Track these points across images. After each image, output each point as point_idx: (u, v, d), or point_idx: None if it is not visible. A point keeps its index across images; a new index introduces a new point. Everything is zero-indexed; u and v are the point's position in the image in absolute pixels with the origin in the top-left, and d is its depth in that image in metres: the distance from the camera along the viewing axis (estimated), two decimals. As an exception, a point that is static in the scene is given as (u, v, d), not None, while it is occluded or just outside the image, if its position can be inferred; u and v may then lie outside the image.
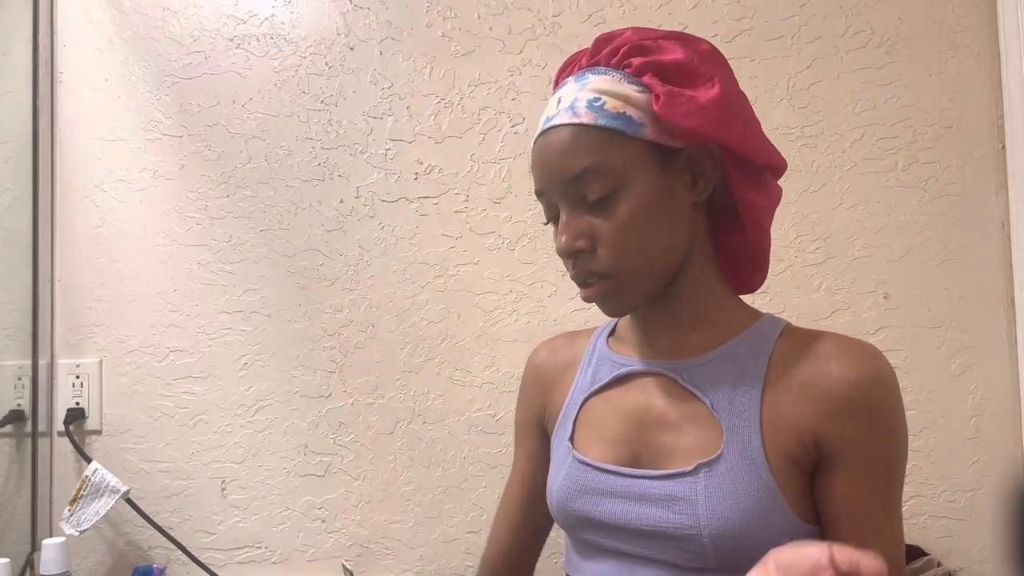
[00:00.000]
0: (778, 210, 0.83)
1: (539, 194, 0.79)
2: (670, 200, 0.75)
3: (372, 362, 1.44)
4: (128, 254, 1.45)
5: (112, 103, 1.46)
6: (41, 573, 1.25)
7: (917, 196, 1.43)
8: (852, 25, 1.45)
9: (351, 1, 1.47)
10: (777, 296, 1.42)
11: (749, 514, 0.70)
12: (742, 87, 0.83)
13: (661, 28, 0.81)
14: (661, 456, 0.76)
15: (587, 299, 0.77)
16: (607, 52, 0.77)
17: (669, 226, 0.75)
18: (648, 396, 0.80)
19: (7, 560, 1.18)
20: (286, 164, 1.46)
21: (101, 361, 1.43)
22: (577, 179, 0.73)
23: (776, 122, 1.44)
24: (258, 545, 1.43)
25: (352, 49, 1.47)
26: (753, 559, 0.64)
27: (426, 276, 1.44)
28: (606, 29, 1.45)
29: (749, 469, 0.71)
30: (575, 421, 0.84)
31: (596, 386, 0.84)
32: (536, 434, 0.94)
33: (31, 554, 1.37)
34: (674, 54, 0.74)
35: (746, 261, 0.82)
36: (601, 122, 0.73)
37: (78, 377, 1.43)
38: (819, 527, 0.73)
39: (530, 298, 1.43)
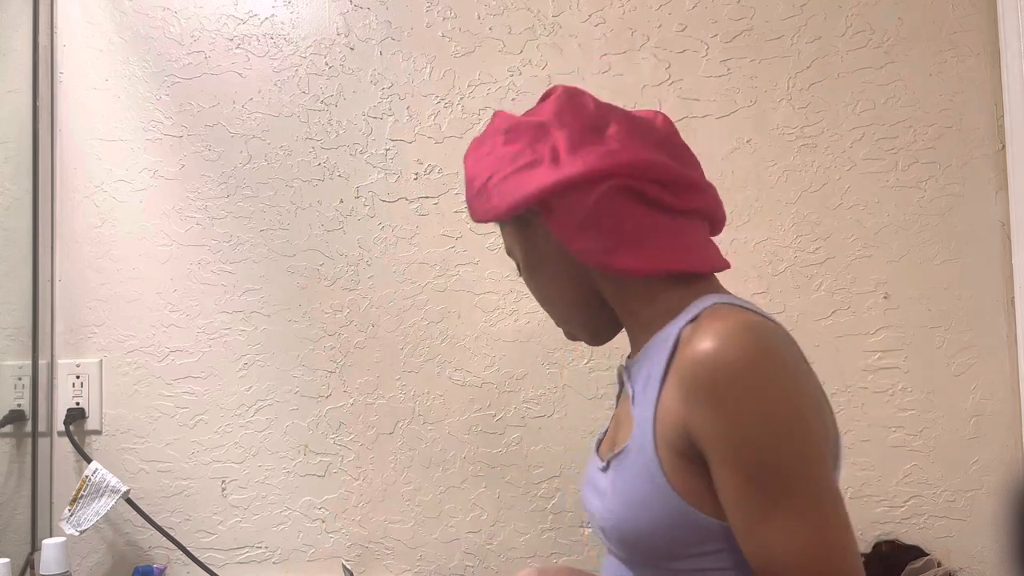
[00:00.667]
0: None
1: None
2: (546, 258, 0.82)
3: (372, 362, 1.44)
4: (128, 254, 1.45)
5: (112, 103, 1.46)
6: (41, 573, 1.25)
7: (917, 196, 1.43)
8: (852, 25, 1.45)
9: (351, 1, 1.47)
10: (777, 296, 1.42)
11: (638, 508, 0.70)
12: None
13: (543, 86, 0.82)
14: (614, 451, 0.78)
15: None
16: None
17: (554, 282, 0.83)
18: (622, 396, 0.85)
19: (7, 560, 1.18)
20: (286, 164, 1.46)
21: (101, 361, 1.43)
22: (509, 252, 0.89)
23: (776, 122, 1.44)
24: (258, 545, 1.43)
25: (352, 49, 1.47)
26: (660, 555, 0.70)
27: (426, 276, 1.44)
28: (606, 29, 1.45)
29: (642, 463, 0.70)
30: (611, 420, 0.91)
31: (617, 389, 0.92)
32: None
33: (31, 554, 1.37)
34: (466, 165, 0.93)
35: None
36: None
37: (78, 377, 1.43)
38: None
39: (530, 298, 1.43)
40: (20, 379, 1.41)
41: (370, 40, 1.47)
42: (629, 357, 0.84)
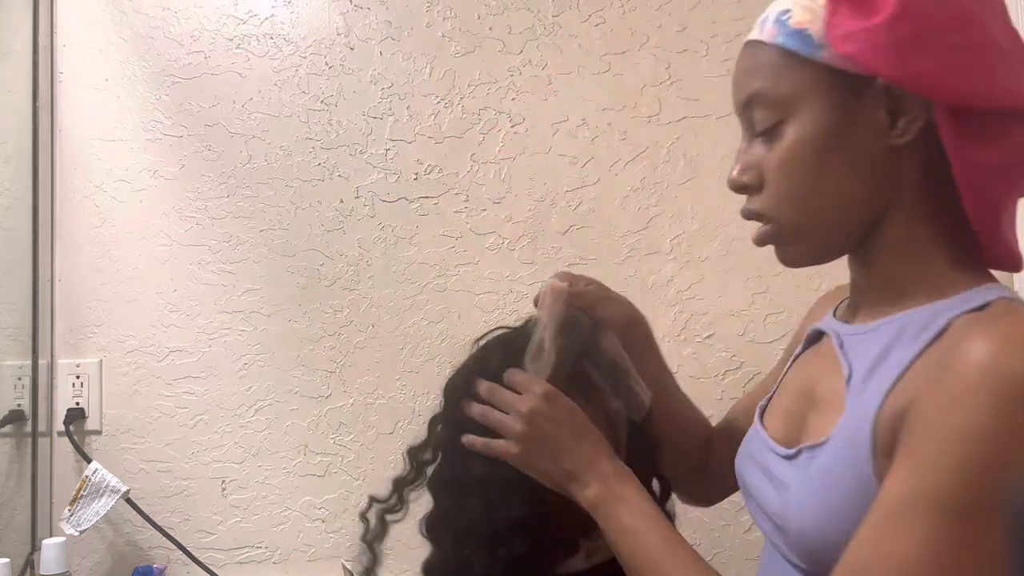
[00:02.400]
0: None
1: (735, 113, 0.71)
2: (852, 140, 0.62)
3: (372, 362, 1.44)
4: (128, 254, 1.44)
5: (112, 103, 1.46)
6: (41, 573, 1.25)
7: (917, 196, 1.43)
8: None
9: (351, 1, 1.47)
10: (777, 296, 1.42)
11: (837, 518, 0.58)
12: None
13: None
14: (804, 435, 0.66)
15: (753, 241, 0.69)
16: None
17: (847, 172, 0.62)
18: (817, 363, 0.71)
19: (7, 560, 1.18)
20: (286, 164, 1.46)
21: (101, 361, 1.43)
22: (747, 104, 0.66)
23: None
24: (258, 545, 1.43)
25: (352, 49, 1.47)
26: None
27: (426, 276, 1.44)
28: (606, 29, 1.45)
29: (851, 464, 0.58)
30: (779, 384, 0.77)
31: (798, 349, 0.77)
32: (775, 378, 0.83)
33: (31, 554, 1.36)
34: None
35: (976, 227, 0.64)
36: (778, 40, 0.64)
37: (78, 377, 1.43)
38: None
39: (530, 298, 1.42)
40: (20, 379, 1.41)
41: (370, 40, 1.47)
42: (841, 319, 0.71)
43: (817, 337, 0.74)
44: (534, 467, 0.75)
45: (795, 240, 0.66)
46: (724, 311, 1.43)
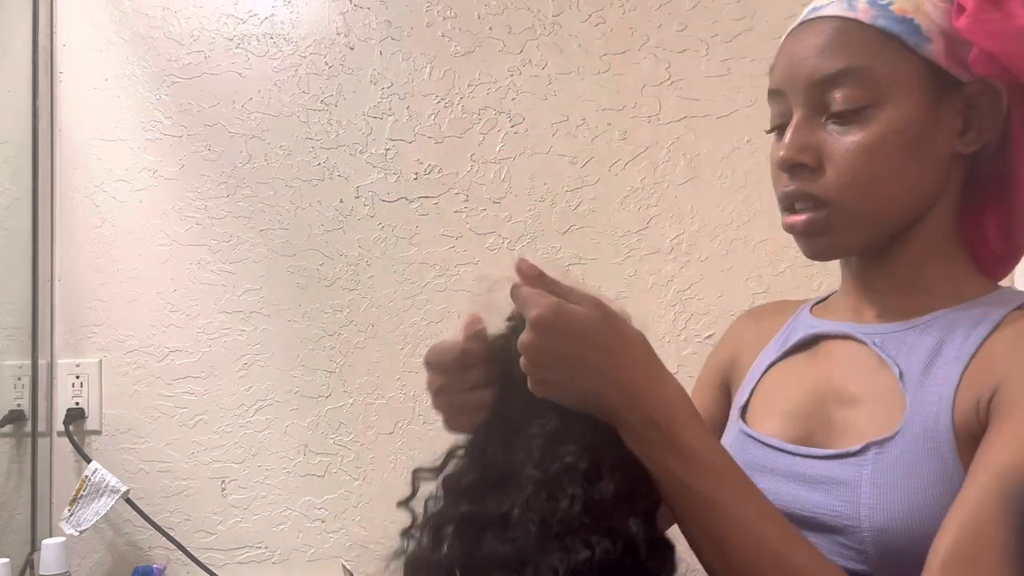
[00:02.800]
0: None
1: (774, 93, 0.67)
2: (930, 139, 0.62)
3: (372, 362, 1.44)
4: (128, 254, 1.44)
5: (112, 103, 1.46)
6: (41, 573, 1.25)
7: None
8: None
9: (351, 1, 1.47)
10: (777, 296, 1.42)
11: (922, 509, 0.57)
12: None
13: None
14: (835, 433, 0.65)
15: (790, 227, 0.66)
16: None
17: (918, 169, 0.63)
18: (833, 364, 0.69)
19: (7, 560, 1.18)
20: (286, 164, 1.45)
21: (101, 361, 1.43)
22: (828, 81, 0.62)
23: None
24: (258, 545, 1.43)
25: (352, 49, 1.46)
26: (919, 564, 0.54)
27: (426, 276, 1.44)
28: (606, 29, 1.45)
29: (931, 454, 0.58)
30: (753, 389, 0.75)
31: (782, 351, 0.74)
32: (719, 384, 0.83)
33: (31, 554, 1.37)
34: None
35: (996, 240, 0.68)
36: (880, 23, 0.61)
37: (78, 377, 1.43)
38: None
39: (530, 298, 1.43)
40: (20, 379, 1.41)
41: (370, 40, 1.47)
42: (843, 321, 0.71)
43: (810, 342, 0.73)
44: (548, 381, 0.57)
45: (847, 228, 0.65)
46: (724, 311, 1.43)
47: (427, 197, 1.45)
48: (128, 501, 1.36)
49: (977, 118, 0.63)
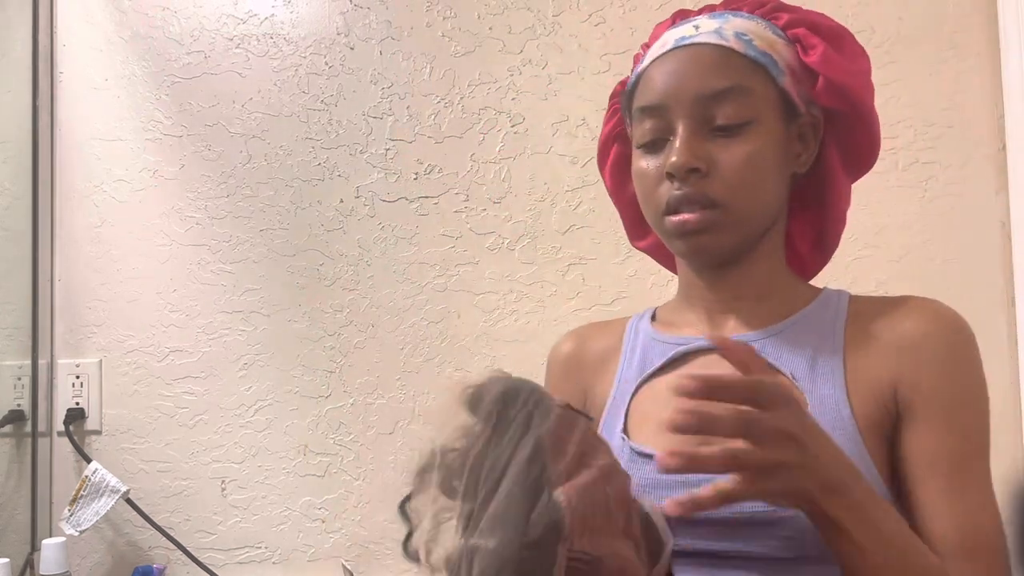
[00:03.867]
0: None
1: (653, 108, 0.72)
2: (784, 158, 0.73)
3: (372, 362, 1.44)
4: (128, 254, 1.45)
5: (112, 103, 1.46)
6: (41, 573, 1.25)
7: (917, 196, 1.43)
8: (852, 25, 1.43)
9: (351, 1, 1.47)
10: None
11: None
12: None
13: None
14: None
15: (680, 227, 0.70)
16: (749, 4, 0.75)
17: (777, 182, 0.73)
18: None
19: (7, 560, 1.18)
20: (286, 164, 1.45)
21: (101, 361, 1.43)
22: (715, 97, 0.69)
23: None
24: (258, 545, 1.43)
25: (352, 49, 1.46)
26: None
27: (426, 276, 1.44)
28: (606, 29, 1.45)
29: (841, 441, 0.62)
30: (627, 411, 0.76)
31: (650, 370, 0.76)
32: None
33: (31, 554, 1.37)
34: (828, 20, 0.75)
35: (807, 249, 0.83)
36: (750, 53, 0.70)
37: (78, 377, 1.43)
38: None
39: (530, 298, 1.43)
40: (20, 379, 1.41)
41: (370, 40, 1.47)
42: (697, 335, 0.76)
43: (679, 360, 0.76)
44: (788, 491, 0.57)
45: (730, 228, 0.71)
46: (724, 311, 1.43)
47: (427, 197, 1.45)
48: (128, 501, 1.36)
49: (807, 144, 0.74)
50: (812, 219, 0.80)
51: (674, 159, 0.69)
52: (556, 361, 0.87)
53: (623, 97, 0.80)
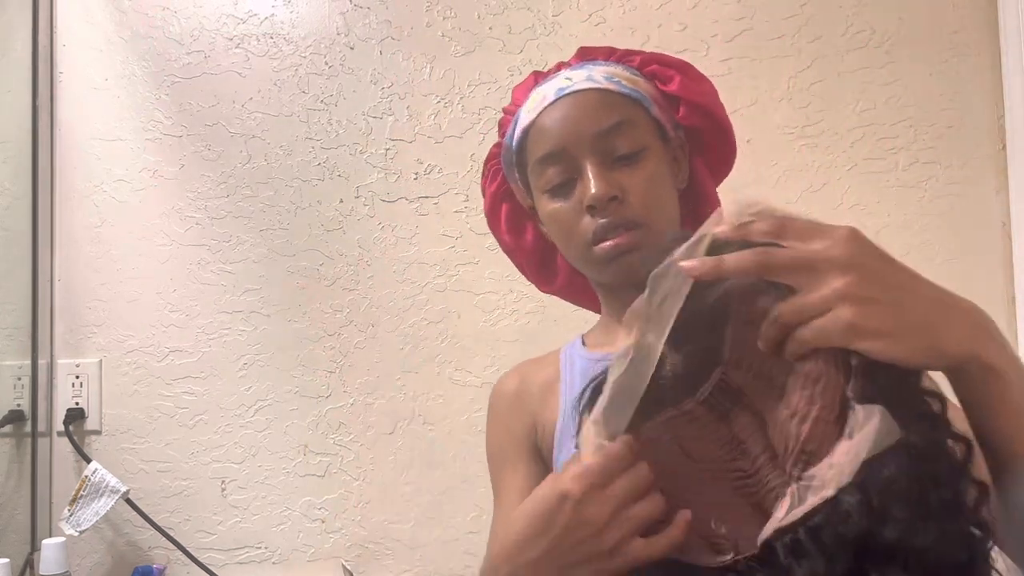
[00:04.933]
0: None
1: (555, 155, 0.76)
2: (672, 177, 0.80)
3: (372, 362, 1.44)
4: (128, 254, 1.44)
5: (112, 103, 1.46)
6: (41, 573, 1.25)
7: (918, 196, 1.43)
8: (853, 25, 1.45)
9: (351, 1, 1.47)
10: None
11: None
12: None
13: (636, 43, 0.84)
14: None
15: (612, 251, 0.74)
16: (601, 52, 0.82)
17: (672, 199, 0.79)
18: None
19: (7, 560, 1.18)
20: (286, 164, 1.45)
21: (101, 361, 1.43)
22: (610, 132, 0.75)
23: (776, 122, 1.43)
24: (258, 545, 1.42)
25: (352, 49, 1.46)
26: None
27: (426, 276, 1.44)
28: (607, 29, 1.45)
29: None
30: (578, 430, 0.79)
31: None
32: (532, 454, 0.88)
33: (31, 554, 1.36)
34: (672, 57, 0.83)
35: None
36: (624, 91, 0.77)
37: (78, 377, 1.42)
38: None
39: (530, 298, 1.43)
40: (20, 379, 1.41)
41: (370, 40, 1.46)
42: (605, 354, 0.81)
43: None
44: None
45: (653, 244, 0.75)
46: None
47: (427, 197, 1.45)
48: (128, 501, 1.35)
49: (680, 163, 0.81)
50: (695, 226, 0.83)
51: (593, 191, 0.73)
52: (503, 397, 0.93)
53: (507, 156, 0.84)
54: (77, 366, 1.43)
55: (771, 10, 1.45)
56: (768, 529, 0.48)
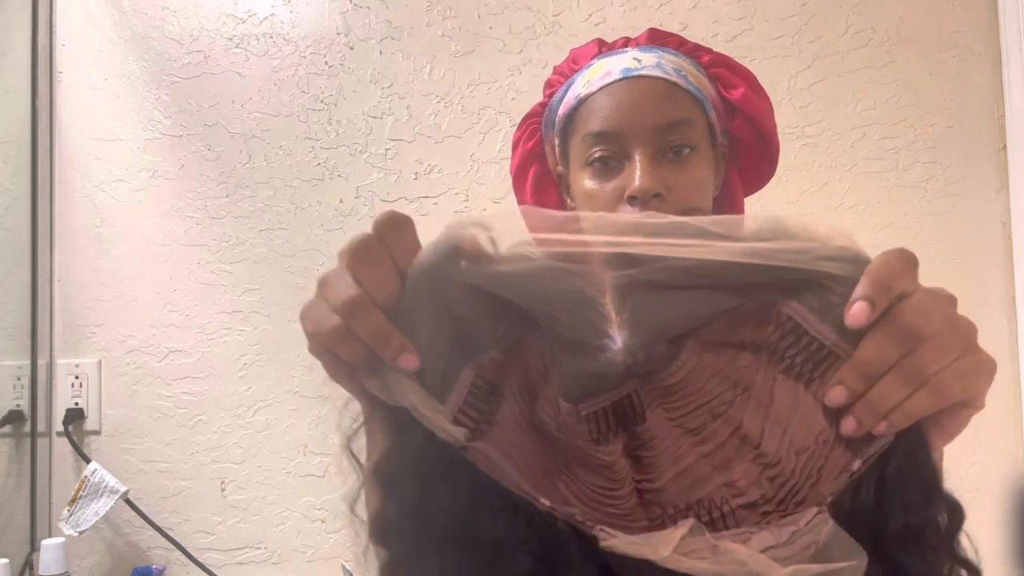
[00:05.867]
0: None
1: (608, 135, 0.75)
2: (713, 182, 0.80)
3: (372, 362, 1.43)
4: (127, 254, 1.44)
5: (111, 103, 1.45)
6: (40, 573, 1.24)
7: (918, 196, 1.43)
8: (853, 24, 1.45)
9: (351, 0, 1.47)
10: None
11: None
12: None
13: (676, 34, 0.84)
14: None
15: None
16: (672, 40, 0.80)
17: (709, 205, 0.79)
18: None
19: (6, 560, 1.18)
20: (286, 164, 1.45)
21: (100, 361, 1.43)
22: (671, 127, 0.74)
23: (776, 122, 1.43)
24: (258, 546, 1.42)
25: (352, 48, 1.46)
26: None
27: (426, 276, 1.44)
28: (607, 29, 1.45)
29: None
30: None
31: None
32: None
33: (30, 554, 1.36)
34: (739, 63, 0.83)
35: None
36: (690, 89, 0.76)
37: (77, 377, 1.42)
38: None
39: (530, 298, 1.43)
40: (19, 379, 1.41)
41: (370, 39, 1.46)
42: None
43: None
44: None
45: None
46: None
47: (427, 197, 1.45)
48: (127, 501, 1.35)
49: (719, 170, 0.81)
50: None
51: (638, 184, 0.72)
52: None
53: (550, 118, 0.82)
54: (76, 366, 1.43)
55: (771, 10, 1.45)
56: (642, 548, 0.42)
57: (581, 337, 0.43)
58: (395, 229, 0.50)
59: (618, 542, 0.42)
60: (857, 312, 0.43)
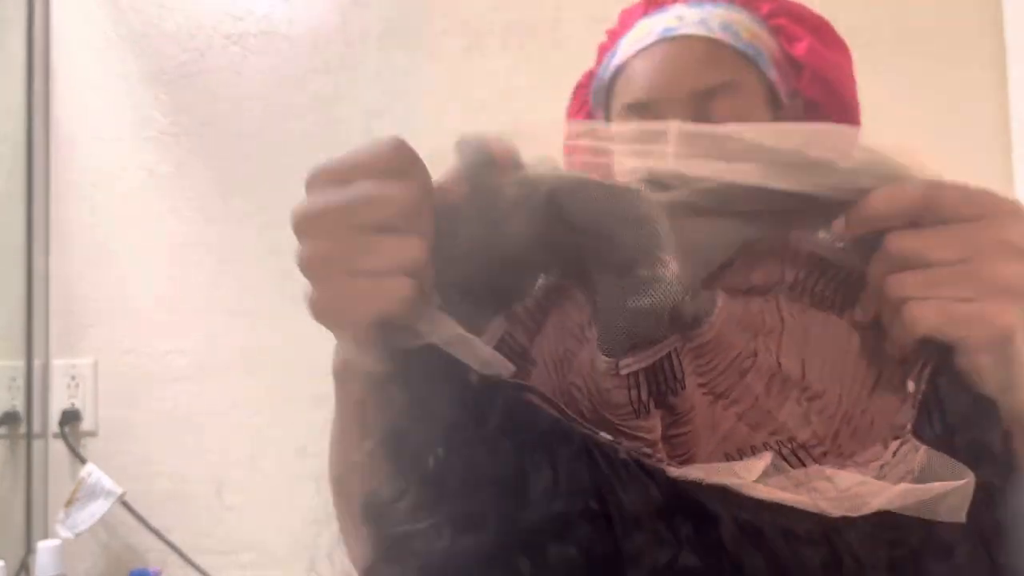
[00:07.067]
0: None
1: (640, 106, 0.68)
2: None
3: (371, 363, 1.43)
4: (124, 253, 1.43)
5: (107, 101, 1.45)
6: (36, 576, 1.24)
7: (919, 196, 1.43)
8: (853, 25, 1.44)
9: (350, -2, 1.46)
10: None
11: None
12: None
13: None
14: None
15: None
16: None
17: None
18: None
19: (2, 563, 1.18)
20: (284, 163, 1.44)
21: (96, 362, 1.42)
22: (708, 94, 0.65)
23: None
24: (255, 548, 1.42)
25: (350, 46, 1.46)
26: None
27: (425, 276, 1.44)
28: (610, 26, 1.44)
29: None
30: None
31: None
32: None
33: (26, 557, 1.36)
34: (809, 10, 0.72)
35: None
36: (739, 46, 0.67)
37: (73, 378, 1.41)
38: None
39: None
40: (14, 380, 1.40)
41: (368, 37, 1.46)
42: None
43: None
44: None
45: None
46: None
47: (426, 197, 1.44)
48: (124, 503, 1.35)
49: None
50: None
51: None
52: None
53: (597, 87, 0.76)
54: (72, 367, 1.42)
55: (773, 9, 1.45)
56: (710, 474, 0.38)
57: (635, 261, 0.38)
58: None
59: (691, 469, 0.38)
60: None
